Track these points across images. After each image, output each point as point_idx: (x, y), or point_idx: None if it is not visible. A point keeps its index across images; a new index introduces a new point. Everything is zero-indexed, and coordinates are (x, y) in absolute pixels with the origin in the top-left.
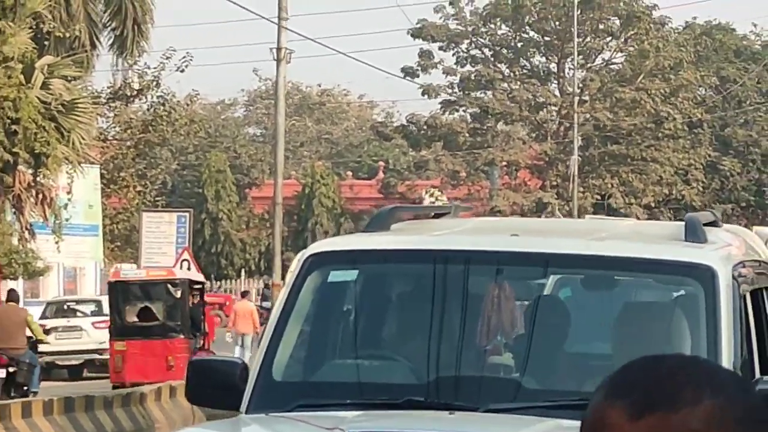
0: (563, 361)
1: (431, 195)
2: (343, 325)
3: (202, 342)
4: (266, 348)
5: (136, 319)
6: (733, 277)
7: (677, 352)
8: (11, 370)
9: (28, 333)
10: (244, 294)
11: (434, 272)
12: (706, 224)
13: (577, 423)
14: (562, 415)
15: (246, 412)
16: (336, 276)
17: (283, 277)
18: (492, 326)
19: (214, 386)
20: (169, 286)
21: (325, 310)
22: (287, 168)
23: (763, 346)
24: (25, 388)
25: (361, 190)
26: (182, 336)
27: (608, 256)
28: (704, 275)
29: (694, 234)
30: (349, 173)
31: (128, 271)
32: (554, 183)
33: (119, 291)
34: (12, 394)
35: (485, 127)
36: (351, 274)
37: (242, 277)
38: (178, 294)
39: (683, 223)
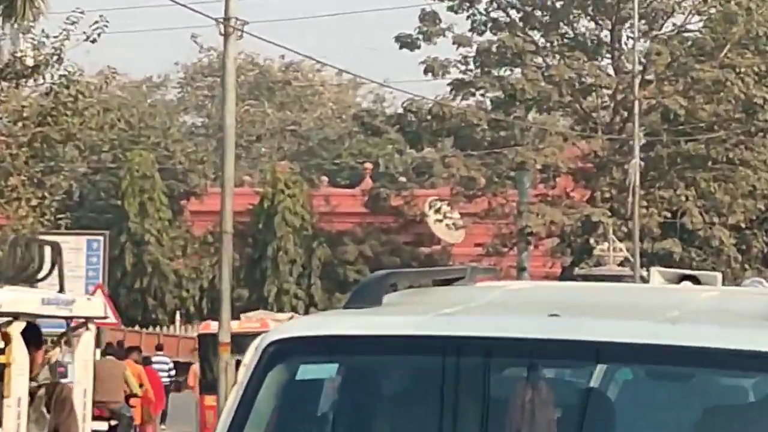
0: None
1: (437, 211)
2: None
3: None
4: None
5: None
6: None
7: None
8: (113, 423)
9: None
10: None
11: (443, 368)
12: None
13: None
14: None
15: None
16: (307, 372)
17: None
18: None
19: None
20: None
21: (291, 419)
22: (239, 171)
23: None
24: None
25: (341, 202)
26: None
27: (684, 346)
28: None
29: None
30: (324, 179)
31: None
32: (607, 195)
33: (209, 344)
34: None
35: (512, 118)
36: (328, 370)
37: (176, 323)
38: None
39: None
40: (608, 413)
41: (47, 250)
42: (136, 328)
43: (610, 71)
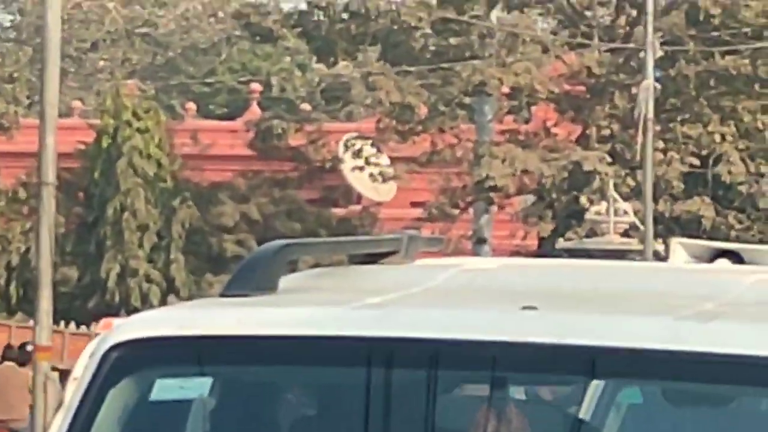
0: None
1: (356, 153)
2: None
3: None
4: None
5: None
6: None
7: None
8: None
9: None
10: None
11: (367, 384)
12: None
13: None
14: None
15: None
16: (167, 389)
17: (56, 321)
18: None
19: None
20: None
21: None
22: (67, 95)
23: None
24: None
25: (216, 139)
26: None
27: (719, 354)
28: None
29: None
30: (191, 106)
31: None
32: (606, 132)
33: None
34: None
35: (467, 17)
36: (198, 387)
37: None
38: None
39: None
40: None
41: None
42: None
43: None
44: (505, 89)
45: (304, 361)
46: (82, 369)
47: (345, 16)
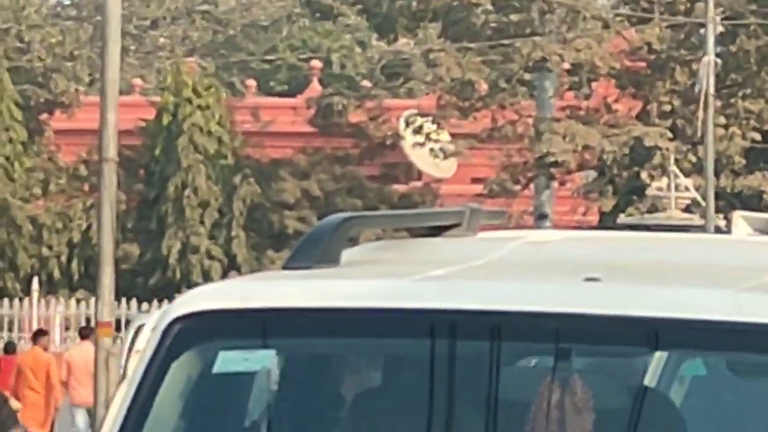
0: None
1: (417, 130)
2: None
3: None
4: None
5: None
6: None
7: None
8: None
9: None
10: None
11: (431, 355)
12: None
13: None
14: None
15: None
16: (230, 362)
17: (118, 298)
18: None
19: None
20: None
21: (206, 430)
22: (127, 72)
23: None
24: None
25: (277, 116)
26: None
27: None
28: None
29: None
30: (252, 83)
31: None
32: (667, 108)
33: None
34: None
35: None
36: (260, 359)
37: (34, 294)
38: None
39: None
40: (671, 422)
41: None
42: None
43: None
44: (566, 65)
45: (366, 333)
46: (145, 342)
47: None
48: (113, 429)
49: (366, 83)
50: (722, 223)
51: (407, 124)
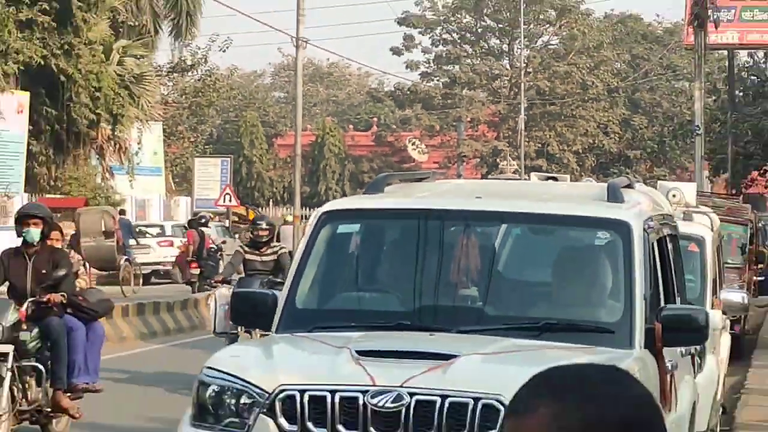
0: (515, 293)
1: (413, 144)
2: (348, 266)
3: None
4: (290, 283)
5: None
6: (644, 229)
7: (602, 284)
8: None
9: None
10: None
11: (418, 226)
12: (623, 187)
13: (527, 341)
14: (515, 335)
15: (275, 332)
16: (343, 228)
17: (303, 206)
18: (462, 267)
19: (253, 312)
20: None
21: (334, 254)
22: (304, 122)
23: (666, 281)
24: None
25: (360, 140)
26: None
27: (550, 213)
28: (622, 228)
29: (614, 196)
30: (351, 127)
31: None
32: (506, 135)
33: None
34: None
35: (454, 93)
36: (355, 227)
37: (270, 206)
38: None
39: (606, 185)
40: (508, 251)
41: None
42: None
43: (508, 67)
44: (468, 119)
45: (393, 217)
46: (312, 221)
47: (408, 92)
48: (300, 253)
49: (394, 127)
50: (527, 178)
51: (409, 142)
